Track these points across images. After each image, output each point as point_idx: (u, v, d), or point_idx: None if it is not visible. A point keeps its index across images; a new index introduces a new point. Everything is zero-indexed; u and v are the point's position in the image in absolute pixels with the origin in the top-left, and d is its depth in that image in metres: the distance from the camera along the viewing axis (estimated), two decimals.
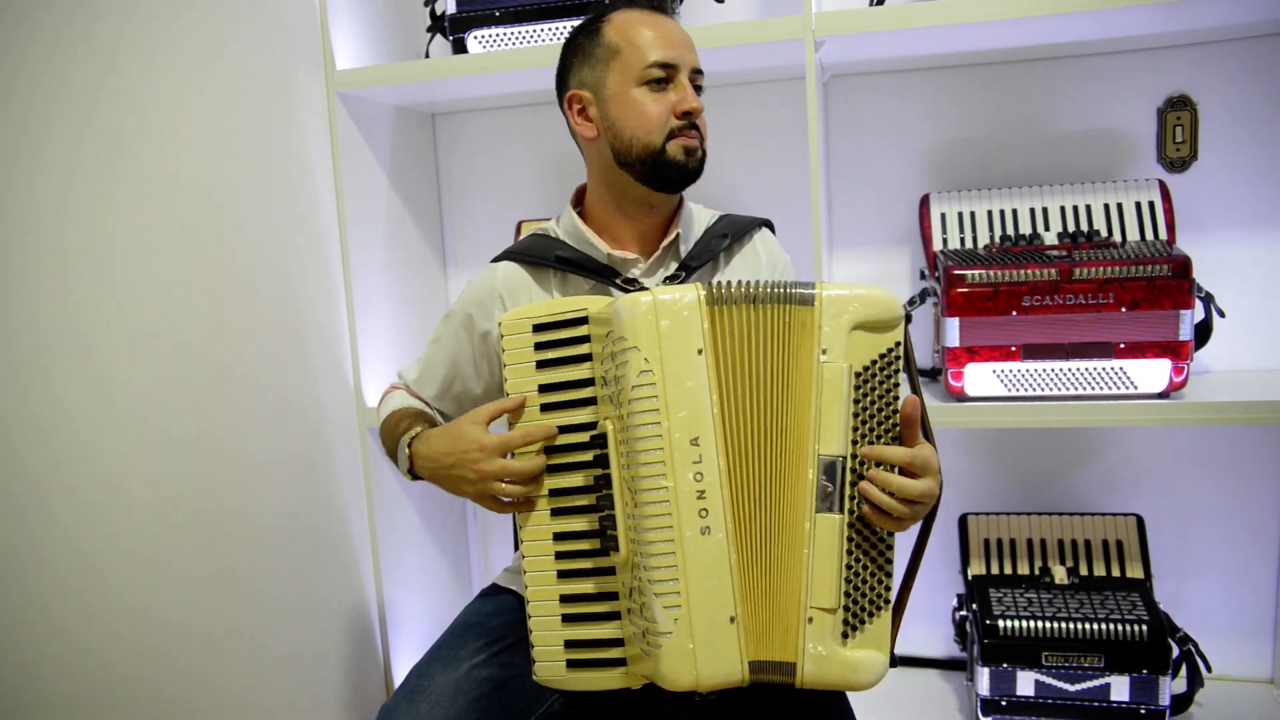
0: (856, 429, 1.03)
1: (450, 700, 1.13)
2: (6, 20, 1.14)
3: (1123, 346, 1.46)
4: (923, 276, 1.74)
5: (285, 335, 1.60)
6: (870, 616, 1.03)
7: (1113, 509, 1.77)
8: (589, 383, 1.10)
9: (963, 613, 1.70)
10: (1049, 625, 1.54)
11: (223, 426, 1.44)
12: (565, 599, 1.11)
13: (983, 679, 1.57)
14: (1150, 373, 1.46)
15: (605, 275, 1.25)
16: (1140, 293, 1.44)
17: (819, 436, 1.02)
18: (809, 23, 1.50)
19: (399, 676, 1.83)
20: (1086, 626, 1.53)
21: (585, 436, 1.10)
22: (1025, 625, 1.55)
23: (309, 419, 1.65)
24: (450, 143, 2.08)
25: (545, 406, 1.12)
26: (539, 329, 1.12)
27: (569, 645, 1.11)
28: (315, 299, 1.68)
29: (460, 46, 1.75)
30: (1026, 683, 1.55)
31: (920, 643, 1.90)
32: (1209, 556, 1.75)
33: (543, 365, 1.12)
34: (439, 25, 1.80)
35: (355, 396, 1.78)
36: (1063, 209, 1.67)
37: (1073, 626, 1.53)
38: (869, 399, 1.03)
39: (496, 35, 1.73)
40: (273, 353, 1.56)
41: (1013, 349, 1.49)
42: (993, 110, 1.77)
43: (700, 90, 1.25)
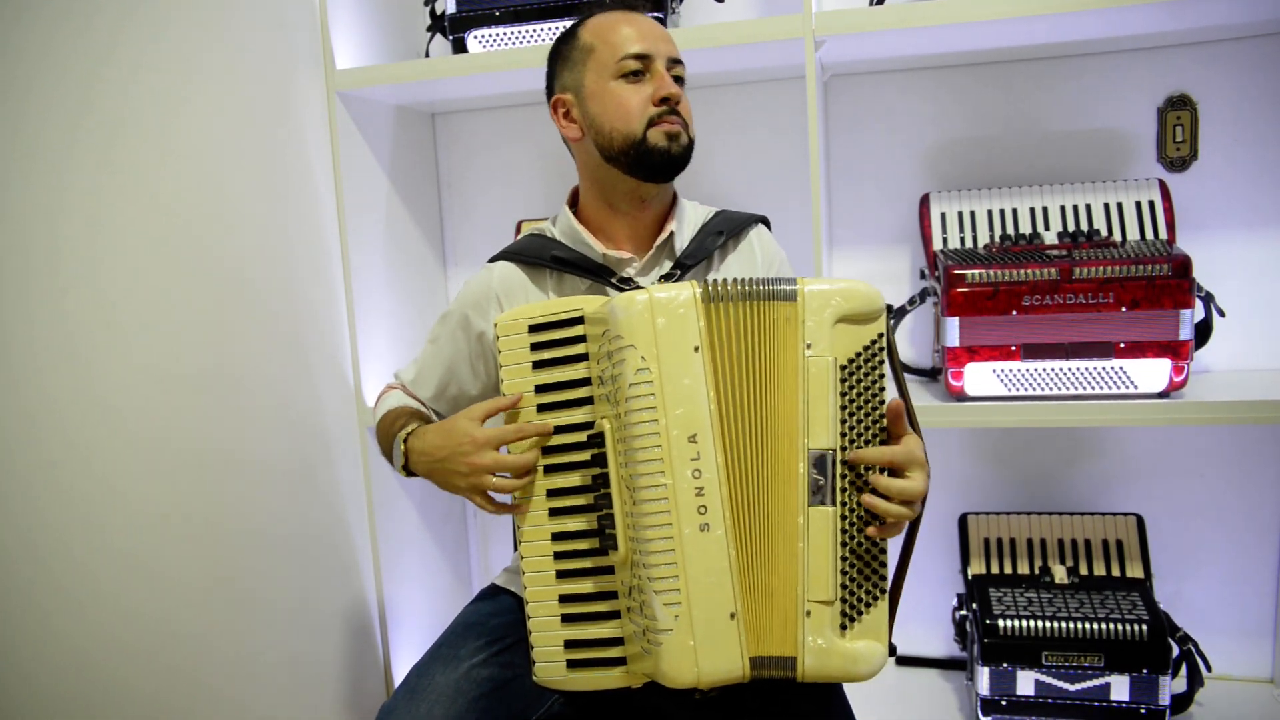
0: (845, 421, 1.04)
1: (450, 700, 1.13)
2: (3, 18, 1.14)
3: (1123, 346, 1.45)
4: (923, 276, 1.74)
5: (284, 335, 1.60)
6: (867, 607, 1.04)
7: (1113, 509, 1.77)
8: (585, 382, 1.10)
9: (963, 612, 1.70)
10: (1049, 625, 1.54)
11: (221, 427, 1.44)
12: (564, 599, 1.11)
13: (983, 679, 1.57)
14: (1150, 372, 1.46)
15: (601, 274, 1.26)
16: (1140, 292, 1.44)
17: (808, 430, 1.03)
18: (809, 23, 1.50)
19: (399, 676, 1.83)
20: (1086, 626, 1.52)
21: (583, 436, 1.10)
22: (1025, 625, 1.55)
23: (308, 419, 1.65)
24: (450, 142, 2.08)
25: (542, 407, 1.12)
26: (535, 329, 1.12)
27: (569, 645, 1.11)
28: (315, 299, 1.68)
29: (460, 46, 1.75)
30: (1026, 682, 1.55)
31: (920, 642, 1.90)
32: (1209, 556, 1.75)
33: (539, 366, 1.12)
34: (439, 25, 1.80)
35: (355, 396, 1.78)
36: (1063, 209, 1.67)
37: (1073, 626, 1.53)
38: (855, 391, 1.04)
39: (496, 35, 1.73)
40: (272, 352, 1.56)
41: (1013, 349, 1.49)
42: (993, 110, 1.77)
43: (681, 80, 1.25)
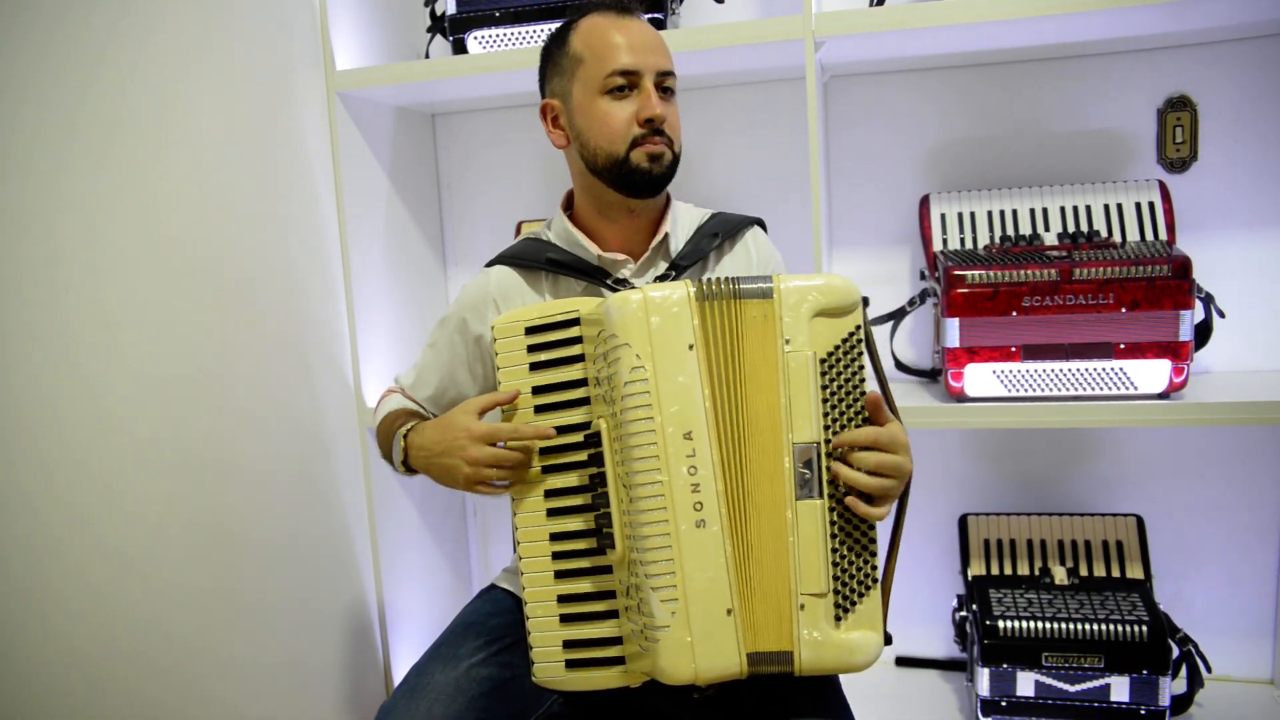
0: (828, 414, 1.05)
1: (449, 699, 1.13)
2: (1, 19, 1.14)
3: (1123, 347, 1.45)
4: (923, 277, 1.74)
5: (284, 335, 1.60)
6: (860, 597, 1.05)
7: (1113, 509, 1.77)
8: (582, 383, 1.11)
9: (963, 613, 1.69)
10: (1049, 626, 1.54)
11: (220, 428, 1.44)
12: (563, 599, 1.11)
13: (983, 679, 1.57)
14: (1150, 373, 1.46)
15: (596, 277, 1.26)
16: (1140, 293, 1.44)
17: (791, 425, 1.04)
18: (809, 23, 1.50)
19: (399, 676, 1.84)
20: (1086, 627, 1.52)
21: (579, 436, 1.10)
22: (1025, 626, 1.55)
23: (308, 419, 1.65)
24: (450, 143, 2.09)
25: (539, 408, 1.13)
26: (531, 331, 1.13)
27: (567, 645, 1.11)
28: (315, 299, 1.68)
29: (460, 47, 1.75)
30: (1026, 683, 1.55)
31: (920, 643, 1.90)
32: (1209, 556, 1.75)
33: (536, 367, 1.13)
34: (439, 25, 1.80)
35: (355, 396, 1.78)
36: (1063, 209, 1.67)
37: (1073, 627, 1.53)
38: (836, 383, 1.05)
39: (496, 35, 1.73)
40: (271, 353, 1.56)
41: (1013, 349, 1.49)
42: (993, 110, 1.77)
43: (671, 91, 1.24)
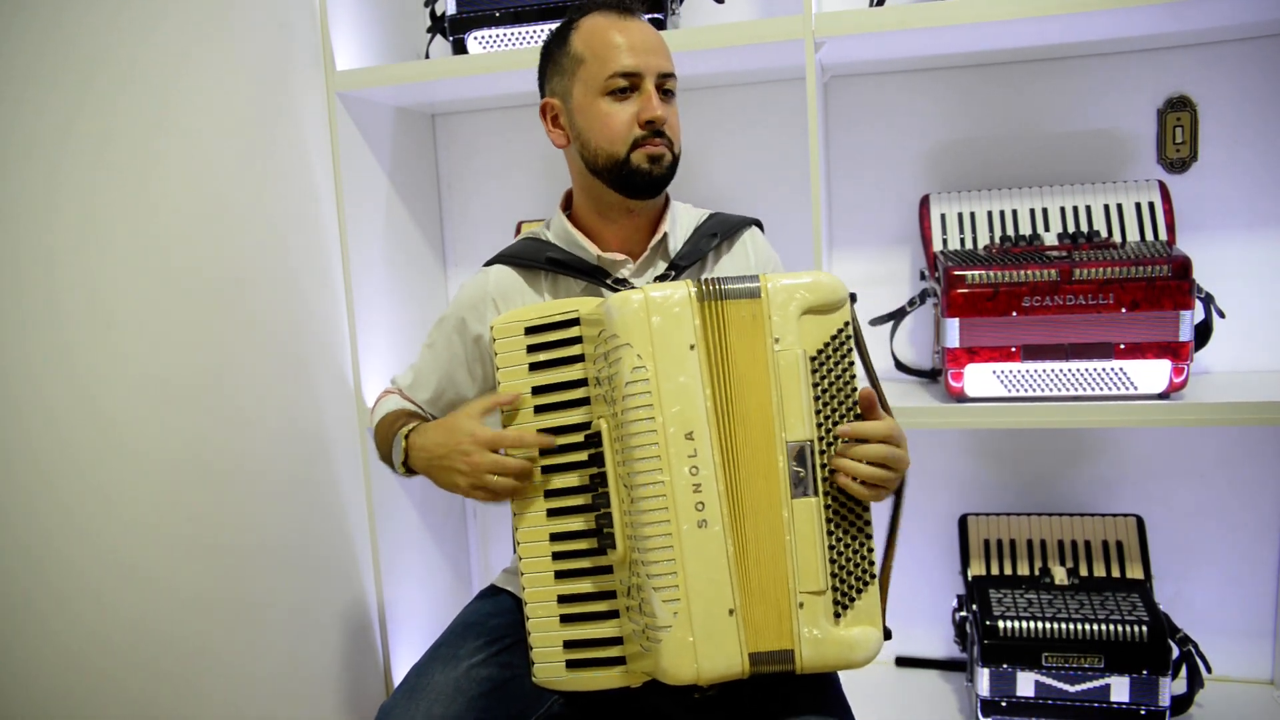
0: (819, 411, 1.05)
1: (449, 699, 1.13)
2: None
3: (1123, 347, 1.45)
4: (923, 277, 1.74)
5: (284, 335, 1.60)
6: (858, 594, 1.05)
7: (1113, 509, 1.77)
8: (583, 383, 1.11)
9: (963, 613, 1.69)
10: (1049, 626, 1.54)
11: (220, 429, 1.44)
12: (563, 599, 1.11)
13: (983, 680, 1.57)
14: (1150, 373, 1.46)
15: (596, 276, 1.26)
16: (1140, 293, 1.44)
17: (784, 423, 1.04)
18: (809, 23, 1.50)
19: (399, 677, 1.83)
20: (1086, 627, 1.52)
21: (580, 436, 1.10)
22: (1025, 626, 1.54)
23: (308, 420, 1.65)
24: (450, 143, 2.09)
25: (539, 408, 1.13)
26: (531, 331, 1.13)
27: (568, 645, 1.11)
28: (315, 299, 1.68)
29: (460, 47, 1.75)
30: (1026, 683, 1.55)
31: (920, 643, 1.90)
32: (1209, 556, 1.75)
33: (535, 367, 1.13)
34: (439, 26, 1.80)
35: (355, 396, 1.78)
36: (1063, 209, 1.67)
37: (1073, 627, 1.53)
38: (827, 380, 1.05)
39: (496, 36, 1.73)
40: (271, 354, 1.56)
41: (1013, 349, 1.49)
42: (993, 110, 1.77)
43: (672, 93, 1.24)
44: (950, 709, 1.71)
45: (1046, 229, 1.66)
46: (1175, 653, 1.55)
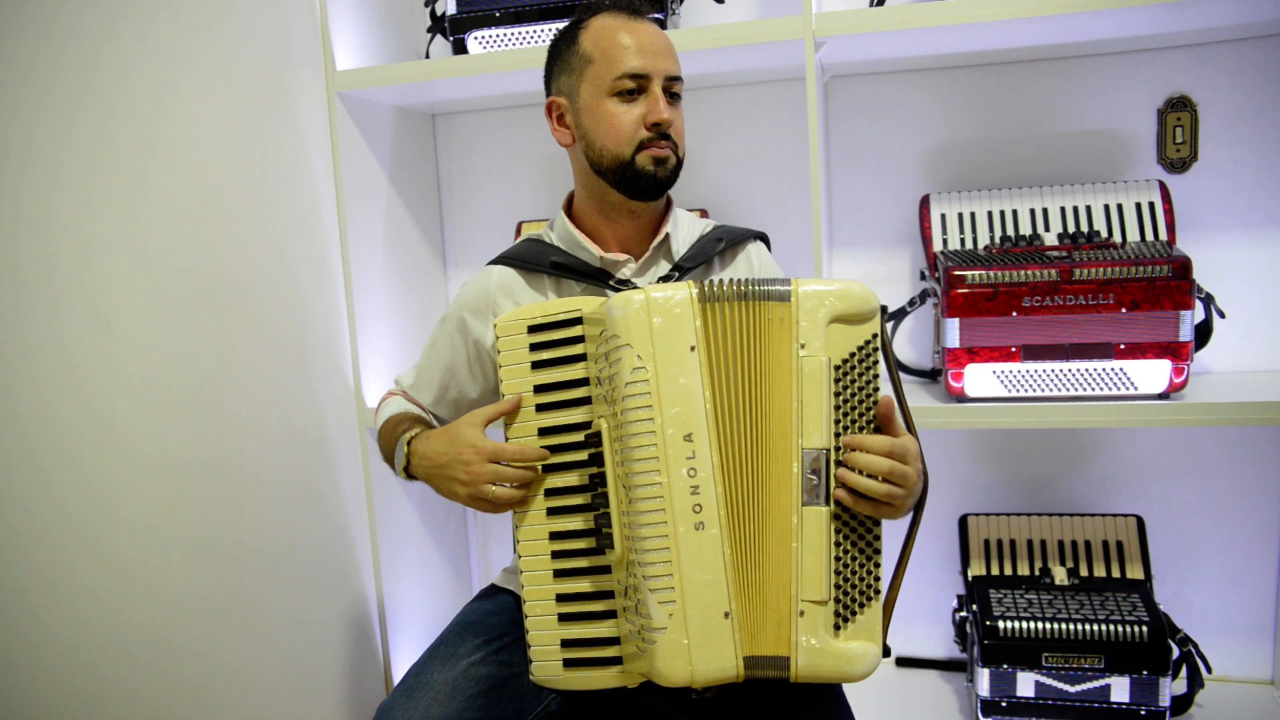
0: (839, 421, 1.04)
1: (448, 697, 1.13)
2: None
3: (1123, 347, 1.45)
4: (923, 277, 1.74)
5: (284, 336, 1.60)
6: (861, 608, 1.04)
7: (1113, 509, 1.77)
8: (584, 382, 1.11)
9: (963, 614, 1.69)
10: (1049, 626, 1.54)
11: (220, 430, 1.44)
12: (562, 598, 1.11)
13: (983, 680, 1.57)
14: (1150, 373, 1.46)
15: (598, 278, 1.26)
16: (1140, 293, 1.44)
17: (801, 430, 1.04)
18: (809, 23, 1.50)
19: (399, 676, 1.83)
20: (1087, 627, 1.52)
21: (580, 436, 1.10)
22: (1025, 626, 1.54)
23: (308, 420, 1.65)
24: (450, 143, 2.09)
25: (541, 407, 1.13)
26: (534, 330, 1.13)
27: (565, 644, 1.11)
28: (315, 299, 1.68)
29: (460, 47, 1.75)
30: (1027, 684, 1.55)
31: (920, 643, 1.90)
32: (1209, 556, 1.75)
33: (538, 366, 1.13)
34: (439, 26, 1.80)
35: (355, 396, 1.78)
36: (1063, 209, 1.67)
37: (1073, 627, 1.53)
38: (849, 391, 1.04)
39: (496, 36, 1.73)
40: (272, 354, 1.56)
41: (1013, 349, 1.49)
42: (993, 110, 1.77)
43: (678, 96, 1.24)
44: (950, 709, 1.71)
45: (1046, 229, 1.66)
46: (1175, 653, 1.55)
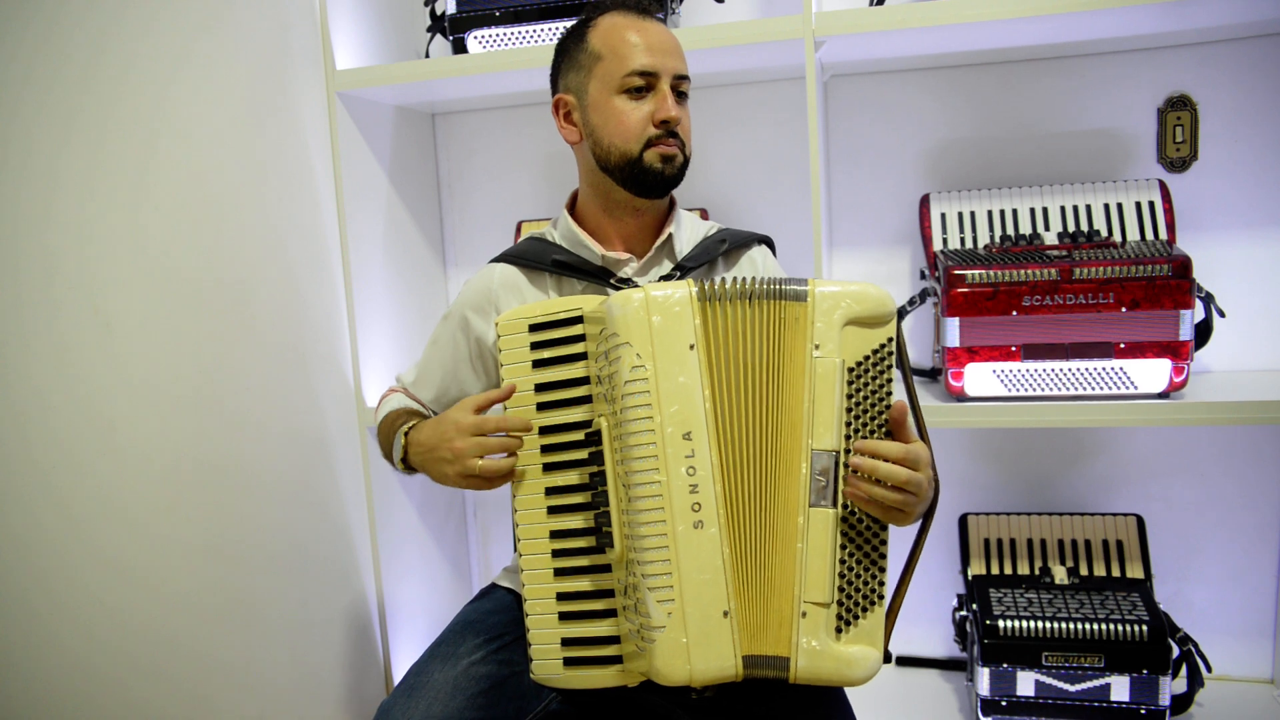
0: (850, 424, 1.04)
1: (448, 696, 1.13)
2: None
3: (1123, 346, 1.45)
4: (923, 276, 1.74)
5: (284, 336, 1.60)
6: (864, 612, 1.04)
7: (1113, 509, 1.77)
8: (584, 381, 1.11)
9: (963, 613, 1.69)
10: (1049, 625, 1.54)
11: (220, 429, 1.44)
12: (562, 597, 1.11)
13: (983, 679, 1.57)
14: (1150, 373, 1.46)
15: (600, 277, 1.26)
16: (1140, 293, 1.44)
17: (812, 431, 1.03)
18: (809, 23, 1.50)
19: (399, 675, 1.83)
20: (1087, 627, 1.52)
21: (581, 435, 1.10)
22: (1025, 625, 1.54)
23: (308, 420, 1.65)
24: (450, 143, 2.09)
25: (541, 405, 1.13)
26: (535, 329, 1.13)
27: (565, 643, 1.11)
28: (315, 299, 1.68)
29: (460, 46, 1.75)
30: (1027, 683, 1.55)
31: (920, 643, 1.90)
32: (1209, 556, 1.75)
33: (539, 364, 1.13)
34: (439, 25, 1.80)
35: (355, 396, 1.78)
36: (1063, 209, 1.67)
37: (1073, 627, 1.53)
38: (862, 394, 1.04)
39: (496, 35, 1.73)
40: (272, 354, 1.56)
41: (1013, 349, 1.49)
42: (993, 110, 1.77)
43: (685, 96, 1.25)
44: (950, 709, 1.71)
45: (1046, 228, 1.66)
46: (1175, 652, 1.55)
